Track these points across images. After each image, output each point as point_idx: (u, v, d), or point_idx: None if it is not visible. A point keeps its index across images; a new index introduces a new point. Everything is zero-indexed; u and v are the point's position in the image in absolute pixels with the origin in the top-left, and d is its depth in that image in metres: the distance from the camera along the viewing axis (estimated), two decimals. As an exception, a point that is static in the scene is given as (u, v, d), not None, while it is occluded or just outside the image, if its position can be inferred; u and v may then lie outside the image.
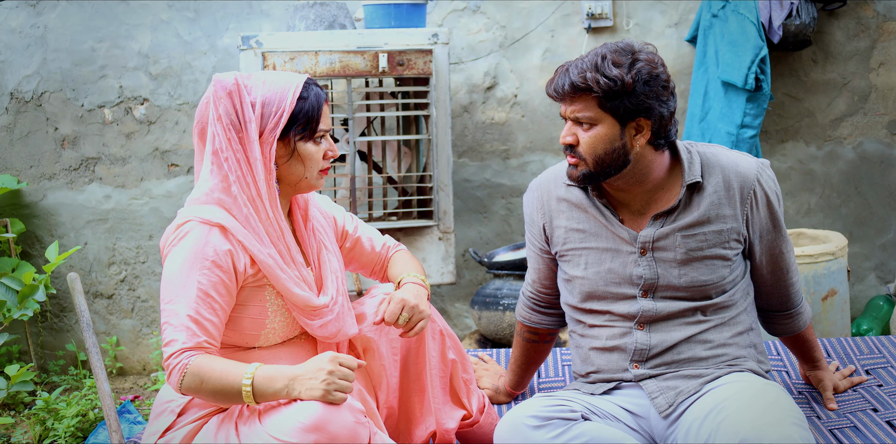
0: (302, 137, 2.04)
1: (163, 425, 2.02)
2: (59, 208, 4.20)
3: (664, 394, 2.14)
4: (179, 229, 1.99)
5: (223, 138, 1.99)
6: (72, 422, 3.25)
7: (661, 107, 2.08)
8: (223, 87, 2.00)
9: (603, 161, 2.09)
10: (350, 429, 1.83)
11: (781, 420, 1.89)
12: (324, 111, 2.07)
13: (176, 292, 1.93)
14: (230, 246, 1.97)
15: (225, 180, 2.00)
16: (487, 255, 3.93)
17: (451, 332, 2.30)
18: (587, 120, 2.08)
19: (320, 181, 2.11)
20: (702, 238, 2.15)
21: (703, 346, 2.16)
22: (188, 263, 1.94)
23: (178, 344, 1.90)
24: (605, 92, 2.03)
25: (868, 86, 4.25)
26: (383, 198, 3.81)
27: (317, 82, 2.10)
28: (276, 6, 4.11)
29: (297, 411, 1.84)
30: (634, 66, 2.06)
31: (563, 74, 2.08)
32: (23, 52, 4.11)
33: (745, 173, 2.17)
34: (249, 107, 2.00)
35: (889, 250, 4.33)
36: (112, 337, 4.20)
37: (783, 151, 4.29)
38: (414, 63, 3.56)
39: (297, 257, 2.08)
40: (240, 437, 1.89)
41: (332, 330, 2.10)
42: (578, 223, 2.24)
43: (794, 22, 3.91)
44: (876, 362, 2.72)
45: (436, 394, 2.24)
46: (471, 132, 4.22)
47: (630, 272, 2.18)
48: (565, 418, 2.03)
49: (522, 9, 4.17)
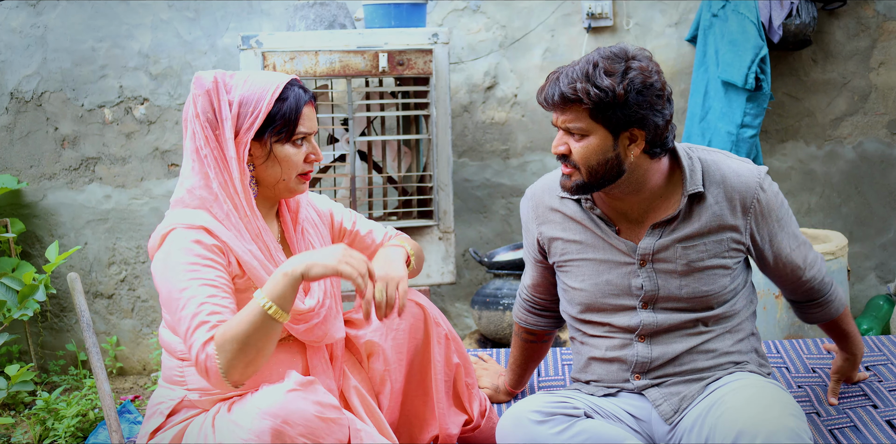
0: (278, 139, 2.01)
1: (152, 426, 2.03)
2: (60, 208, 4.20)
3: (668, 400, 2.13)
4: (165, 238, 1.98)
5: (201, 136, 1.99)
6: (72, 422, 3.25)
7: (656, 116, 2.00)
8: (201, 85, 1.99)
9: (596, 172, 2.03)
10: (308, 420, 1.78)
11: (779, 413, 1.88)
12: (304, 113, 2.03)
13: (179, 295, 1.89)
14: (216, 242, 1.96)
15: (206, 178, 1.99)
16: (487, 255, 3.93)
17: (455, 335, 2.28)
18: (578, 131, 2.02)
19: (301, 186, 2.07)
20: (702, 249, 2.11)
21: (706, 356, 2.14)
22: (181, 264, 1.91)
23: (198, 343, 1.84)
24: (595, 104, 1.97)
25: (868, 85, 4.25)
26: (383, 198, 3.80)
27: (303, 84, 2.07)
28: (276, 6, 4.11)
29: (259, 397, 1.83)
30: (627, 75, 1.97)
31: (554, 84, 2.02)
32: (23, 51, 4.11)
33: (747, 183, 2.11)
34: (227, 105, 1.98)
35: (889, 249, 4.33)
36: (112, 337, 4.20)
37: (783, 150, 4.29)
38: (414, 63, 3.56)
39: (278, 256, 2.05)
40: (215, 430, 1.89)
41: (318, 334, 2.07)
42: (574, 234, 2.20)
43: (794, 21, 3.91)
44: (876, 360, 2.73)
45: (440, 399, 2.22)
46: (471, 132, 4.22)
47: (629, 283, 2.14)
48: (568, 414, 2.02)
49: (522, 8, 4.17)
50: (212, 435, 1.89)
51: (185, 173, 2.03)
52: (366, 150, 3.77)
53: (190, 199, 2.01)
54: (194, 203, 2.01)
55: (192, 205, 2.01)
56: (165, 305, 1.93)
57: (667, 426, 2.12)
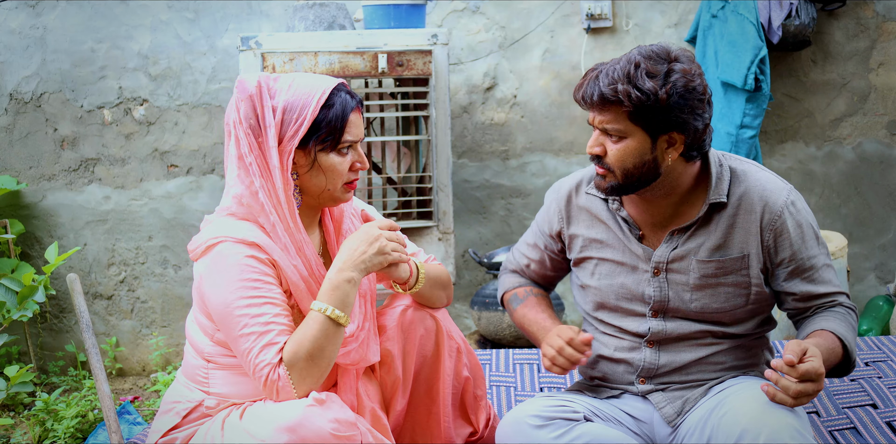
0: (323, 148, 1.94)
1: (166, 425, 2.01)
2: (59, 209, 4.19)
3: (671, 403, 2.12)
4: (213, 250, 1.92)
5: (245, 143, 1.92)
6: (71, 423, 3.25)
7: (696, 120, 1.95)
8: (244, 89, 1.93)
9: (632, 174, 1.98)
10: (324, 436, 1.77)
11: (782, 413, 1.87)
12: (350, 121, 1.95)
13: (241, 312, 1.86)
14: (267, 256, 1.92)
15: (251, 186, 1.93)
16: (487, 255, 3.93)
17: (469, 348, 2.23)
18: (616, 132, 1.96)
19: (347, 194, 2.00)
20: (718, 265, 2.05)
21: (714, 367, 2.12)
22: (238, 280, 1.87)
23: (268, 365, 1.83)
24: (636, 107, 1.91)
25: (867, 86, 4.25)
26: (383, 199, 3.81)
27: (349, 89, 1.99)
28: (275, 7, 4.11)
29: (276, 410, 1.82)
30: (670, 77, 1.92)
31: (593, 83, 1.95)
32: (22, 52, 4.11)
33: (773, 200, 2.03)
34: (270, 112, 1.91)
35: (889, 250, 4.33)
36: (111, 338, 4.20)
37: (783, 151, 4.29)
38: (413, 64, 3.56)
39: (320, 271, 2.00)
40: (223, 434, 1.88)
41: (355, 358, 2.02)
42: (597, 233, 2.16)
43: (793, 22, 3.91)
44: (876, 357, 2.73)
45: (447, 412, 2.19)
46: (470, 133, 4.22)
47: (642, 291, 2.11)
48: (567, 418, 2.01)
49: (522, 9, 4.17)
50: (219, 438, 1.88)
51: (230, 181, 1.97)
52: (365, 150, 3.77)
53: (237, 208, 1.95)
54: (241, 212, 1.95)
55: (240, 214, 1.96)
56: (221, 321, 1.89)
57: (669, 428, 2.12)
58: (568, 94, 4.20)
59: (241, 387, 1.97)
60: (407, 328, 2.13)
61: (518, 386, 2.76)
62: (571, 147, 4.24)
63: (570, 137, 4.24)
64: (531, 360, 2.90)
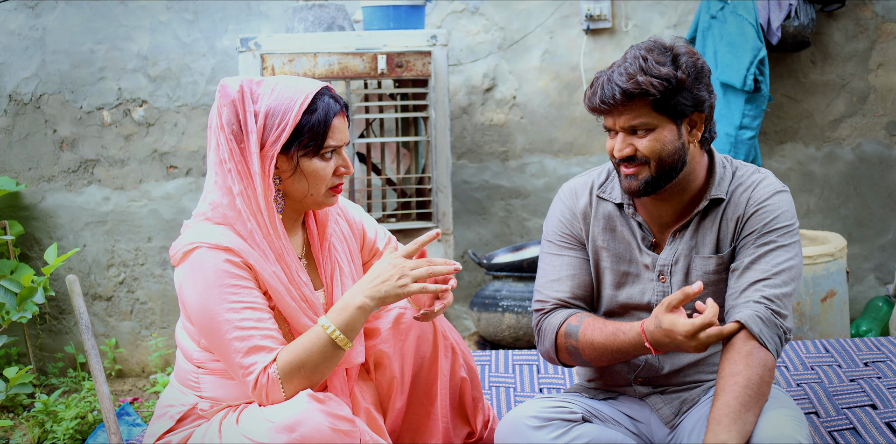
0: (306, 153, 1.93)
1: (161, 428, 2.01)
2: (58, 210, 4.19)
3: (669, 405, 2.13)
4: (190, 257, 1.91)
5: (225, 148, 1.91)
6: (70, 424, 3.24)
7: (711, 96, 2.02)
8: (227, 93, 1.91)
9: (665, 164, 1.99)
10: (323, 433, 1.77)
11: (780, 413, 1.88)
12: (334, 125, 1.94)
13: (222, 318, 1.86)
14: (242, 259, 1.91)
15: (229, 193, 1.92)
16: (486, 256, 3.93)
17: (464, 348, 2.23)
18: (644, 126, 1.98)
19: (331, 199, 1.99)
20: (718, 261, 2.07)
21: (710, 368, 2.14)
22: (217, 287, 1.87)
23: (257, 367, 1.84)
24: (661, 93, 1.94)
25: (867, 87, 4.25)
26: (382, 200, 3.81)
27: (334, 93, 1.97)
28: (274, 8, 4.11)
29: (272, 411, 1.81)
30: (679, 60, 1.98)
31: (608, 85, 1.96)
32: (21, 53, 4.11)
33: (759, 193, 2.06)
34: (252, 117, 1.90)
35: (888, 251, 4.33)
36: (111, 339, 4.20)
37: (782, 152, 4.29)
38: (413, 65, 3.56)
39: (301, 277, 1.99)
40: (221, 436, 1.88)
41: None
42: (605, 242, 2.16)
43: (792, 23, 3.91)
44: (876, 358, 2.73)
45: (444, 412, 2.19)
46: (469, 134, 4.22)
47: (648, 300, 2.12)
48: (566, 419, 2.01)
49: (521, 10, 4.17)
50: (217, 440, 1.88)
51: (208, 187, 1.96)
52: (364, 152, 3.77)
53: (213, 214, 1.94)
54: (217, 218, 1.94)
55: (216, 219, 1.94)
56: (203, 328, 1.89)
57: (667, 428, 2.12)
58: (568, 94, 4.20)
59: (233, 390, 1.97)
60: (403, 330, 2.13)
61: (517, 387, 2.76)
62: (571, 148, 4.24)
63: (570, 137, 4.24)
64: (530, 361, 2.90)
